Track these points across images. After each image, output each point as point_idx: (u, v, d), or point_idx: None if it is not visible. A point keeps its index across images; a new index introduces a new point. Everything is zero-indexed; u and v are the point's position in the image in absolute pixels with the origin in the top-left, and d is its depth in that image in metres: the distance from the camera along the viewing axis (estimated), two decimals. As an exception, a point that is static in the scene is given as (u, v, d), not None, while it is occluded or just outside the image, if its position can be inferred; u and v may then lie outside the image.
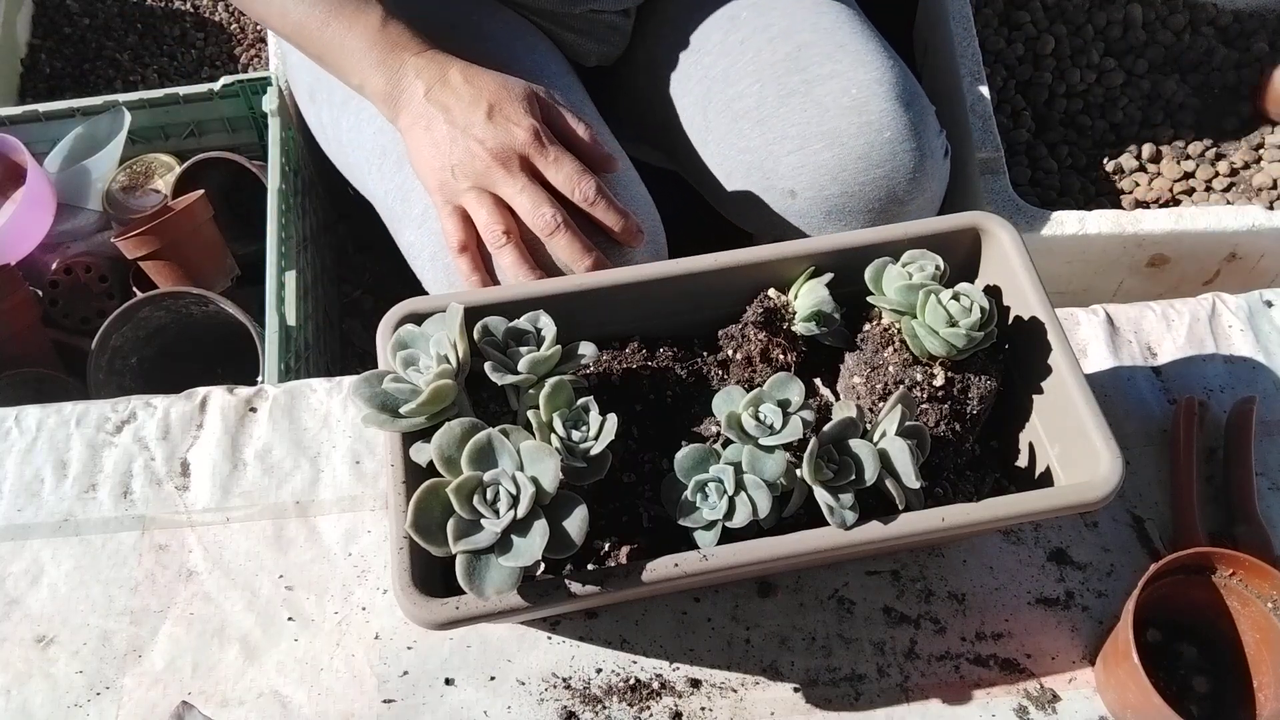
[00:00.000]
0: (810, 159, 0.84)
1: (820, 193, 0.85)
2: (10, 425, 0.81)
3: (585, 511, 0.54)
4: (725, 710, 0.68)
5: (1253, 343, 0.83)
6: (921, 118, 0.86)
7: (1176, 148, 1.21)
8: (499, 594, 0.53)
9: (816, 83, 0.85)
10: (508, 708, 0.68)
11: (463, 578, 0.53)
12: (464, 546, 0.53)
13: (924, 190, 0.86)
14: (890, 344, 0.65)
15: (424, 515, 0.53)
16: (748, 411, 0.58)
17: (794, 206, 0.87)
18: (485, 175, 0.73)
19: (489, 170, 0.73)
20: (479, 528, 0.53)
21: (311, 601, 0.72)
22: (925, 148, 0.85)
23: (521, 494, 0.53)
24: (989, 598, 0.72)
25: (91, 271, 1.31)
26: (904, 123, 0.84)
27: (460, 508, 0.53)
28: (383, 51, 0.76)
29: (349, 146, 0.92)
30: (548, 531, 0.53)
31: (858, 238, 0.68)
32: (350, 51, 0.77)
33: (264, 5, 0.79)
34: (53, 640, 0.72)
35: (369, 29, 0.76)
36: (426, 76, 0.75)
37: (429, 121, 0.74)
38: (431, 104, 0.74)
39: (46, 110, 1.38)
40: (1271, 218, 1.06)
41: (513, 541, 0.53)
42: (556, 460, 0.54)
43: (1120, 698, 0.65)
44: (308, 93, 1.00)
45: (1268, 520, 0.73)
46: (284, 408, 0.81)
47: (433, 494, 0.53)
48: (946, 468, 0.65)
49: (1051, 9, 1.30)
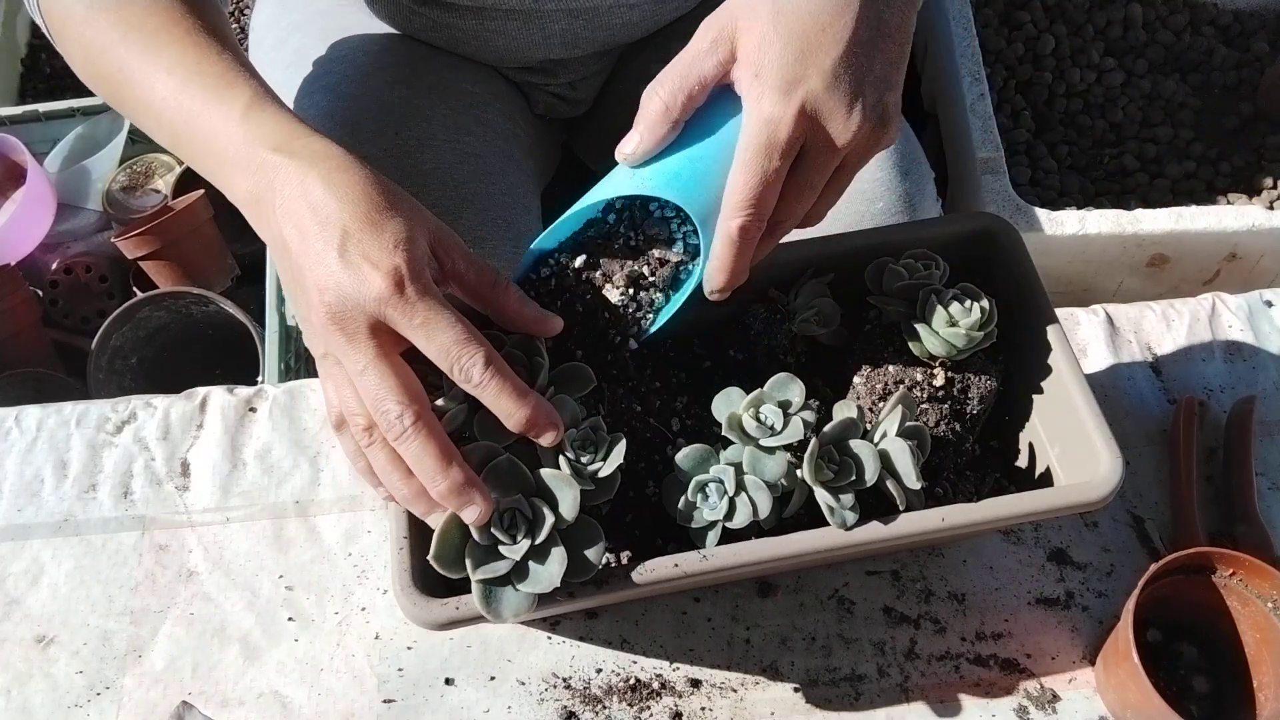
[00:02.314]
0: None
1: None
2: (10, 425, 0.81)
3: (602, 537, 0.54)
4: (725, 710, 0.68)
5: (1253, 343, 0.83)
6: (919, 187, 0.83)
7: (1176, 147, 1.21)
8: (516, 617, 0.53)
9: None
10: (508, 708, 0.68)
11: (480, 603, 0.53)
12: (483, 575, 0.53)
13: None
14: (890, 344, 0.65)
15: (445, 545, 0.53)
16: (748, 412, 0.58)
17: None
18: (326, 341, 0.53)
19: (327, 336, 0.52)
20: (497, 554, 0.53)
21: (311, 601, 0.72)
22: (919, 217, 0.82)
23: (542, 521, 0.53)
24: (989, 598, 0.72)
25: (91, 271, 1.31)
26: (899, 194, 0.81)
27: (478, 534, 0.53)
28: (242, 145, 0.56)
29: None
30: (566, 559, 0.53)
31: (858, 238, 0.68)
32: (214, 144, 0.58)
33: (125, 87, 0.61)
34: (53, 640, 0.72)
35: (229, 117, 0.57)
36: (282, 181, 0.54)
37: (281, 250, 0.54)
38: (285, 223, 0.54)
39: (46, 110, 1.38)
40: (1271, 218, 1.06)
41: (530, 568, 0.53)
42: (576, 489, 0.54)
43: (1120, 698, 0.65)
44: None
45: (1268, 520, 0.73)
46: (284, 408, 0.81)
47: (454, 522, 0.53)
48: (946, 468, 0.65)
49: (1051, 9, 1.30)
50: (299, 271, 0.53)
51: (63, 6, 0.63)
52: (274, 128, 0.57)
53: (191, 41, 0.60)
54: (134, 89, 0.61)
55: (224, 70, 0.59)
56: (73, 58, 0.65)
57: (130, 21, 0.61)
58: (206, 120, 0.58)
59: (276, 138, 0.56)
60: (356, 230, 0.52)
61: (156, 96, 0.60)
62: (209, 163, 0.59)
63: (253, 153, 0.56)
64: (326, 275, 0.51)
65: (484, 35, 0.85)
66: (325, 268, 0.51)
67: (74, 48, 0.64)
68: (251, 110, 0.57)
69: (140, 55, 0.60)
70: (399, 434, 0.51)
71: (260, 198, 0.55)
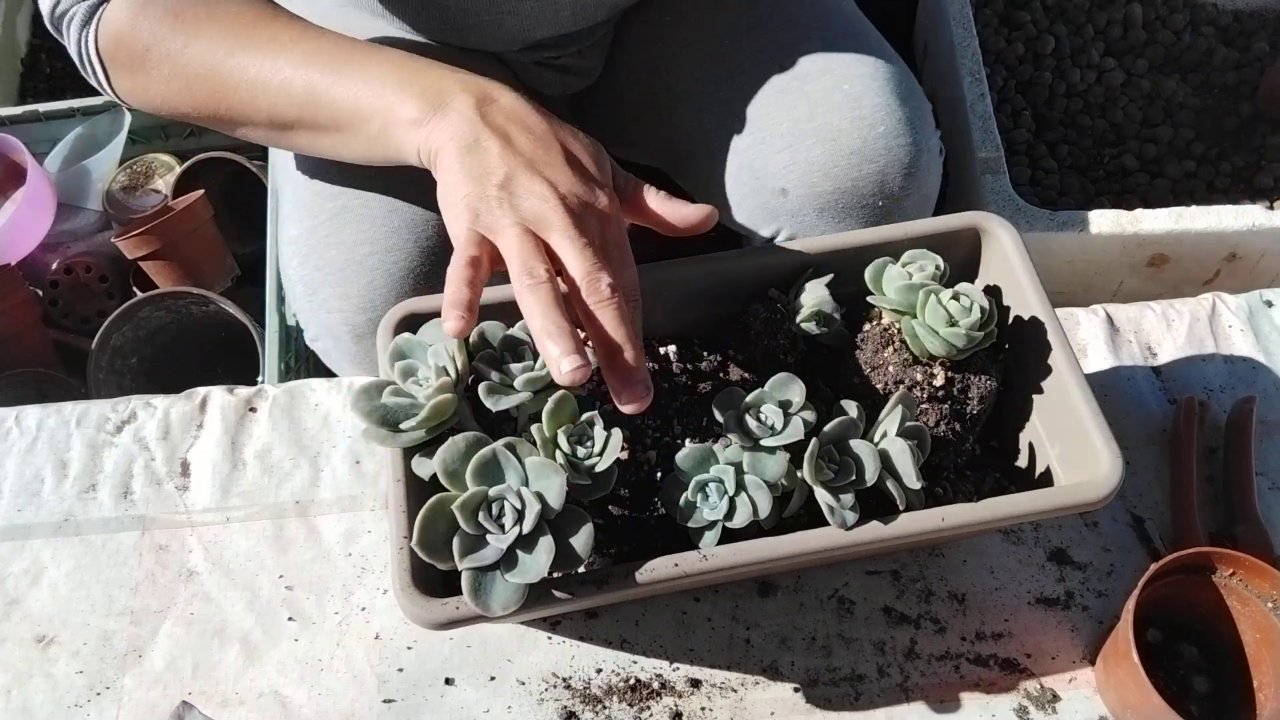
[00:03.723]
0: (801, 156, 0.83)
1: (812, 190, 0.83)
2: (10, 425, 0.81)
3: (591, 528, 0.54)
4: (725, 710, 0.68)
5: (1253, 343, 0.83)
6: (918, 113, 0.85)
7: (1176, 147, 1.21)
8: (505, 609, 0.53)
9: (808, 79, 0.84)
10: (508, 708, 0.68)
11: (469, 594, 0.53)
12: (470, 564, 0.53)
13: (919, 187, 0.85)
14: (890, 344, 0.65)
15: (430, 532, 0.53)
16: (749, 412, 0.58)
17: (785, 205, 0.85)
18: (544, 220, 0.58)
19: (551, 215, 0.58)
20: (484, 543, 0.53)
21: (311, 601, 0.72)
22: (921, 143, 0.84)
23: (527, 510, 0.53)
24: (989, 598, 0.72)
25: (91, 271, 1.31)
26: (899, 118, 0.83)
27: (465, 523, 0.53)
28: (412, 71, 0.64)
29: None
30: (553, 548, 0.53)
31: (858, 238, 0.68)
32: (370, 83, 0.65)
33: (257, 93, 0.68)
34: (53, 640, 0.72)
35: (391, 59, 0.66)
36: (476, 89, 0.62)
37: (477, 138, 0.60)
38: (485, 123, 0.61)
39: (46, 110, 1.38)
40: (1271, 218, 1.06)
41: (518, 557, 0.53)
42: (562, 477, 0.54)
43: (1120, 698, 0.65)
44: None
45: (1268, 520, 0.73)
46: (284, 408, 0.81)
47: (438, 510, 0.53)
48: (946, 468, 0.65)
49: (1051, 9, 1.30)
50: (517, 162, 0.59)
51: (161, 47, 0.69)
52: (442, 63, 0.66)
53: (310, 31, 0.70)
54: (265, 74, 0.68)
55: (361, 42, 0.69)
56: (168, 87, 0.71)
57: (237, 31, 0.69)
58: (359, 64, 0.66)
59: (449, 66, 0.66)
60: (579, 155, 0.62)
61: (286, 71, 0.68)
62: (351, 104, 0.66)
63: (427, 74, 0.64)
64: (560, 175, 0.60)
65: (497, 17, 0.85)
66: (559, 170, 0.60)
67: (169, 79, 0.70)
68: (414, 55, 0.67)
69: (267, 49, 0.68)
70: (605, 298, 0.56)
71: (438, 106, 0.63)
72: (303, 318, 0.84)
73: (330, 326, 0.81)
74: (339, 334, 0.81)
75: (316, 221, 0.81)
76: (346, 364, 0.83)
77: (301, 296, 0.82)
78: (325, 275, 0.79)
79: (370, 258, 0.78)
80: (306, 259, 0.81)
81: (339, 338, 0.81)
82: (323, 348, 0.84)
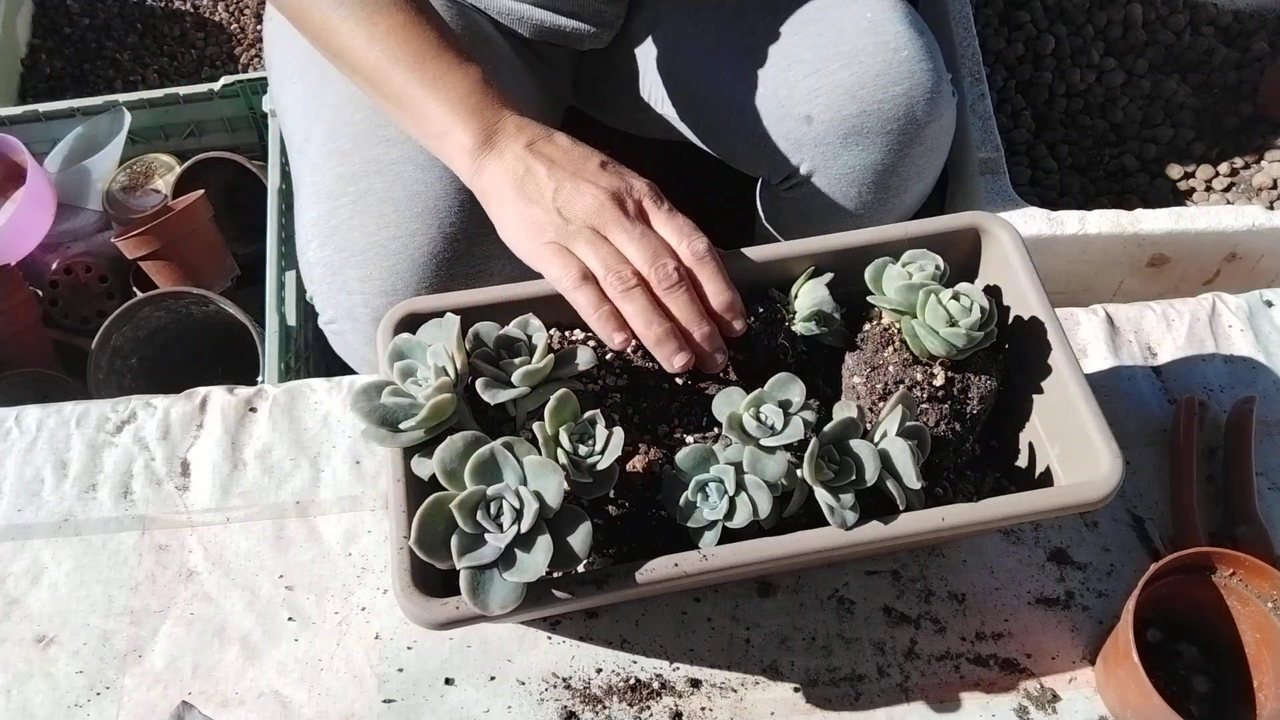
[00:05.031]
0: (827, 80, 0.84)
1: (838, 114, 0.85)
2: (10, 425, 0.81)
3: (589, 527, 0.54)
4: (725, 710, 0.68)
5: (1253, 343, 0.83)
6: (935, 46, 0.88)
7: (1177, 147, 1.21)
8: (504, 608, 0.53)
9: (832, 8, 0.87)
10: (508, 708, 0.68)
11: (467, 593, 0.53)
12: (468, 562, 0.53)
13: (941, 114, 0.87)
14: (890, 344, 0.65)
15: (428, 531, 0.53)
16: (749, 412, 0.58)
17: (810, 134, 0.86)
18: (599, 214, 0.65)
19: (602, 210, 0.65)
20: (482, 542, 0.53)
21: (311, 601, 0.72)
22: (940, 72, 0.87)
23: (525, 509, 0.53)
24: (989, 598, 0.72)
25: (91, 271, 1.32)
26: (920, 45, 0.85)
27: (464, 522, 0.53)
28: (481, 102, 0.70)
29: (293, 112, 0.91)
30: (551, 547, 0.53)
31: (858, 238, 0.68)
32: (440, 99, 0.70)
33: (339, 36, 0.73)
34: (53, 640, 0.72)
35: (469, 80, 0.70)
36: (529, 133, 0.69)
37: (528, 168, 0.67)
38: (533, 154, 0.68)
39: (46, 110, 1.38)
40: (1271, 218, 1.06)
41: (516, 556, 0.53)
42: (560, 475, 0.54)
43: (1120, 697, 0.65)
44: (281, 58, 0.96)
45: (1268, 520, 0.73)
46: (284, 408, 0.81)
47: (436, 509, 0.53)
48: (946, 468, 0.65)
49: (1051, 9, 1.30)
50: (562, 176, 0.66)
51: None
52: (513, 100, 0.72)
53: None
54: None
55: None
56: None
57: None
58: (433, 71, 0.71)
59: (517, 106, 0.72)
60: (611, 161, 0.68)
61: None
62: (419, 107, 0.71)
63: (494, 111, 0.70)
64: (597, 175, 0.66)
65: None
66: (595, 173, 0.66)
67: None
68: (491, 82, 0.72)
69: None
70: (673, 283, 0.63)
71: (495, 141, 0.69)
72: (320, 300, 0.84)
73: (350, 308, 0.81)
74: (359, 316, 0.81)
75: (338, 204, 0.81)
76: (362, 345, 0.84)
77: (320, 278, 0.82)
78: (347, 257, 0.80)
79: (394, 241, 0.79)
80: (327, 240, 0.81)
81: (358, 319, 0.81)
82: (338, 329, 0.85)
